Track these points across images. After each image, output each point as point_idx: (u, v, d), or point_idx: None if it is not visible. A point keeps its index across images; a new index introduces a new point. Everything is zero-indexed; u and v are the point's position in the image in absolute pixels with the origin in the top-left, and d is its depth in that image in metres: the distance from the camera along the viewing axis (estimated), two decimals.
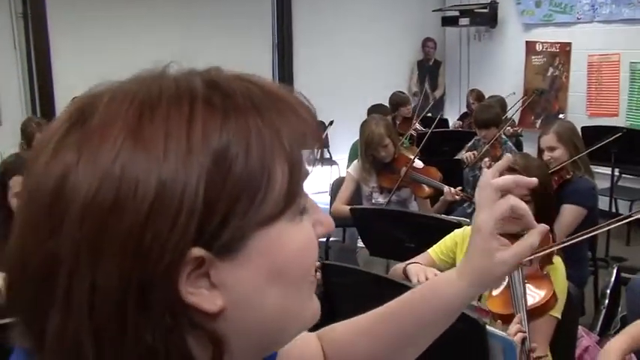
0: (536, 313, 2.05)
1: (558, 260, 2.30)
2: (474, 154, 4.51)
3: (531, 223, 0.82)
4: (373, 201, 3.97)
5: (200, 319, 0.54)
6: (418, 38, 8.52)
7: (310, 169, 0.61)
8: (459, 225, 2.73)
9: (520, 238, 0.82)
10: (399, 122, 6.03)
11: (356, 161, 4.06)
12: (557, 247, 2.14)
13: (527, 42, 7.40)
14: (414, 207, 4.02)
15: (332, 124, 4.85)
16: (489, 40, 8.03)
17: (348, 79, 7.70)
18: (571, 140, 3.56)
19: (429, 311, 0.85)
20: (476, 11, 7.83)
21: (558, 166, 3.47)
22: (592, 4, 6.55)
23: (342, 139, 5.71)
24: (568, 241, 1.55)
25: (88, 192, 0.51)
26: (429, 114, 6.42)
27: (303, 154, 0.59)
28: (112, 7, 6.57)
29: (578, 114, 6.63)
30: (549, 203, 2.46)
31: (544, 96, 7.22)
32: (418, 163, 3.94)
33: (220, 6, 7.13)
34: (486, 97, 6.34)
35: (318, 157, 0.61)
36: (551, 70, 7.17)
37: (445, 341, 0.90)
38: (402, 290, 1.68)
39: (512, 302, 2.06)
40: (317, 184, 6.11)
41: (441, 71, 8.64)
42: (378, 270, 2.95)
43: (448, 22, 8.27)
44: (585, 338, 2.66)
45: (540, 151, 3.65)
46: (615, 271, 2.98)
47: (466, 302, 0.86)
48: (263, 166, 0.54)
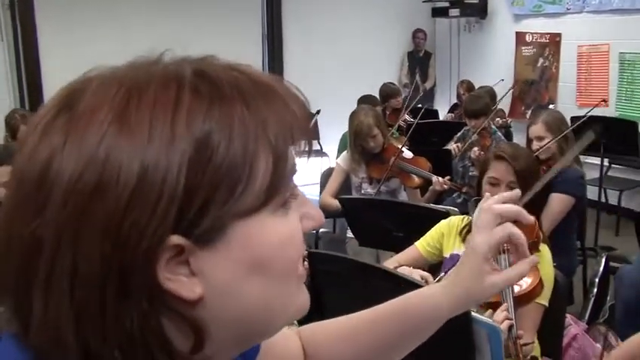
0: (522, 300, 2.06)
1: (545, 248, 2.32)
2: (458, 147, 4.54)
3: (525, 253, 0.87)
4: (362, 191, 3.96)
5: (179, 307, 0.54)
6: (408, 29, 8.50)
7: (299, 161, 0.60)
8: (448, 214, 2.74)
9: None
10: (388, 113, 6.03)
11: (345, 152, 4.05)
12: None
13: (517, 33, 7.41)
14: (404, 197, 4.02)
15: (319, 113, 4.83)
16: (479, 31, 8.04)
17: (338, 71, 7.69)
18: (559, 130, 3.56)
19: (411, 323, 0.89)
20: (466, 2, 7.84)
21: (542, 148, 3.46)
22: None
23: (333, 131, 5.69)
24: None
25: (72, 176, 0.51)
26: (420, 105, 6.41)
27: (291, 147, 0.59)
28: None
29: (568, 104, 6.65)
30: (537, 192, 2.45)
31: (534, 86, 7.24)
32: (407, 154, 3.94)
33: None
34: (476, 87, 6.35)
35: (306, 150, 0.61)
36: (541, 60, 7.18)
37: None
38: (386, 277, 1.68)
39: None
40: (308, 176, 6.08)
41: (432, 62, 8.63)
42: (367, 260, 2.95)
43: (438, 13, 8.28)
44: (573, 326, 2.67)
45: (529, 141, 3.65)
46: (604, 260, 2.99)
47: (444, 320, 0.90)
48: (246, 155, 0.54)
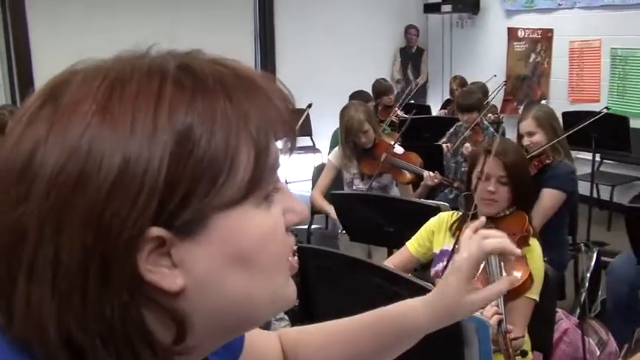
0: (512, 294, 2.05)
1: (535, 242, 2.31)
2: (448, 147, 4.59)
3: (508, 258, 0.99)
4: (354, 187, 3.96)
5: (161, 298, 0.55)
6: (401, 25, 8.49)
7: (284, 157, 0.61)
8: (438, 209, 2.74)
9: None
10: (380, 109, 6.02)
11: (337, 148, 4.04)
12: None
13: (509, 28, 7.42)
14: (396, 193, 4.02)
15: (310, 106, 4.81)
16: (472, 26, 8.04)
17: (331, 67, 7.68)
18: (550, 125, 3.55)
19: (388, 335, 0.94)
20: None
21: (539, 149, 3.45)
22: None
23: (325, 127, 5.68)
24: None
25: (54, 168, 0.51)
26: (412, 101, 6.41)
27: (276, 141, 0.59)
28: None
29: (560, 100, 6.66)
30: (527, 186, 2.46)
31: (526, 82, 7.25)
32: (398, 149, 3.93)
33: None
34: (469, 83, 6.35)
35: (290, 146, 0.61)
36: (533, 56, 7.19)
37: None
38: (375, 272, 1.67)
39: (489, 284, 2.06)
40: (300, 172, 6.11)
41: (424, 58, 8.62)
42: (358, 255, 2.95)
43: (430, 9, 8.29)
44: (565, 321, 2.68)
45: (520, 137, 3.65)
46: (595, 254, 2.99)
47: (422, 334, 0.95)
48: (227, 149, 0.54)
